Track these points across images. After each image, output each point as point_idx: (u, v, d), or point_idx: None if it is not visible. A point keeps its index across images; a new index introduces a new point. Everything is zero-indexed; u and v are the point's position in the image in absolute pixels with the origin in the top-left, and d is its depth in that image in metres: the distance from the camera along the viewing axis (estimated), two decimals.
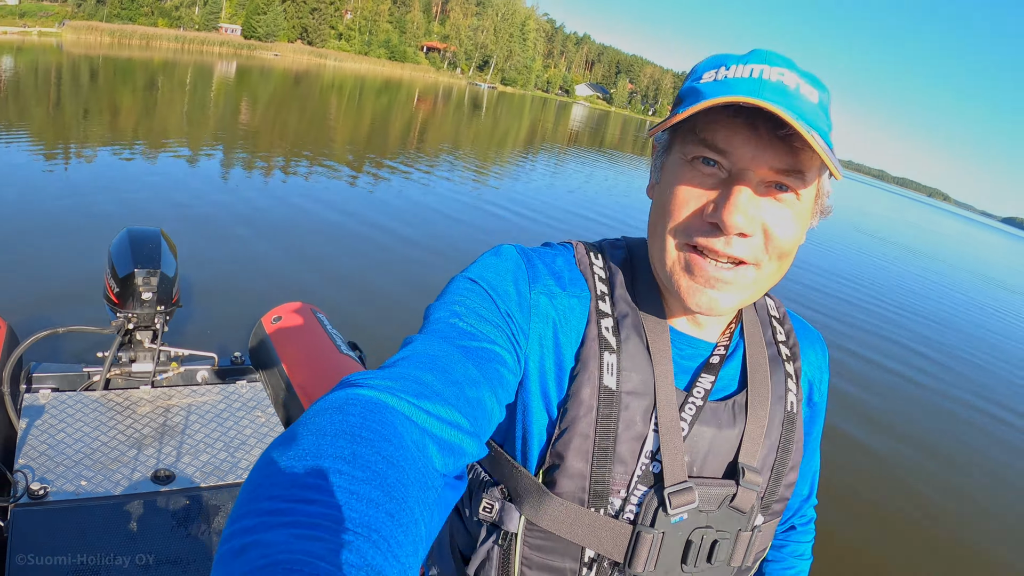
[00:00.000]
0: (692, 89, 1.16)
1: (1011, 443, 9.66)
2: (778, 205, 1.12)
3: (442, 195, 16.40)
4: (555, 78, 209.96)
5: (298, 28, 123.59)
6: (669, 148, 1.21)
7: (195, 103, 28.10)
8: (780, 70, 1.11)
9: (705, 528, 1.22)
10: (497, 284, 1.18)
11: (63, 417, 3.72)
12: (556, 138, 48.70)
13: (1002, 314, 21.20)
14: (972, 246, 48.32)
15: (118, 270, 4.27)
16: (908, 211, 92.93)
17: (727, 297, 1.15)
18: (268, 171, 15.61)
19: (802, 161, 1.09)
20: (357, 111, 38.73)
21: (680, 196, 1.14)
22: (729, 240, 1.10)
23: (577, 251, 1.32)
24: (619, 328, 1.21)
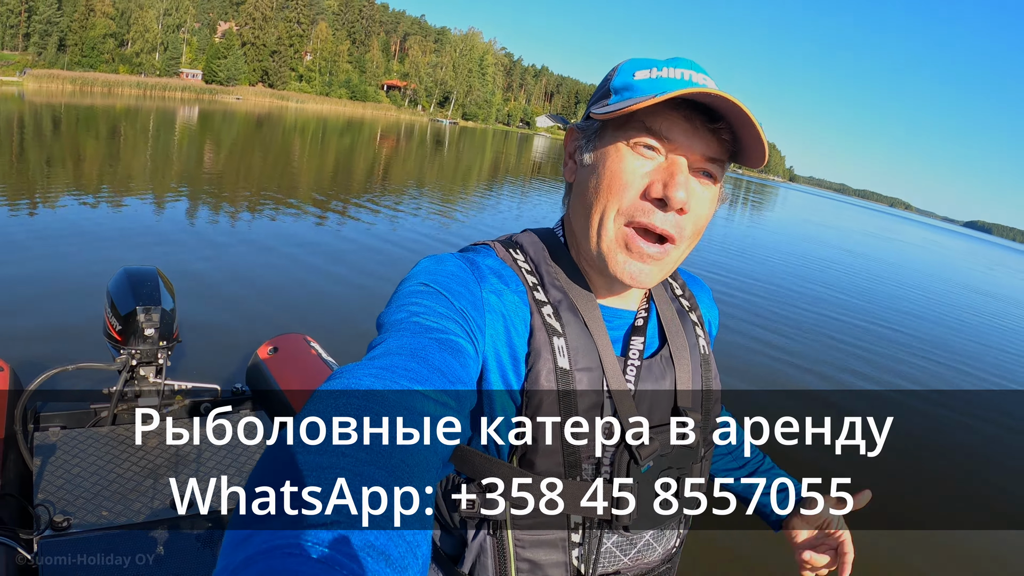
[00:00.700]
0: (628, 84, 1.28)
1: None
2: (702, 188, 1.26)
3: (412, 230, 16.58)
4: (516, 111, 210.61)
5: (259, 71, 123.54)
6: (599, 135, 1.32)
7: (159, 149, 28.11)
8: (703, 76, 1.27)
9: (668, 468, 1.35)
10: (449, 285, 1.23)
11: (76, 453, 3.79)
12: (520, 170, 48.94)
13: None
14: (912, 249, 49.38)
15: (119, 308, 4.36)
16: (869, 221, 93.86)
17: (655, 271, 1.28)
18: (239, 213, 15.71)
19: (724, 151, 1.26)
20: (321, 152, 38.80)
21: (624, 177, 1.25)
22: (667, 216, 1.23)
23: (497, 251, 1.42)
24: (558, 313, 1.31)
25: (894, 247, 51.18)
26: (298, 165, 29.13)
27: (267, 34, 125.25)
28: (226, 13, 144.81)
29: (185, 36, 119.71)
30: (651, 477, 1.32)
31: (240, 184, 20.50)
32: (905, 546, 6.51)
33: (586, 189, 1.32)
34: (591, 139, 1.34)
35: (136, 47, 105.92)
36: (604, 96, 1.34)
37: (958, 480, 8.48)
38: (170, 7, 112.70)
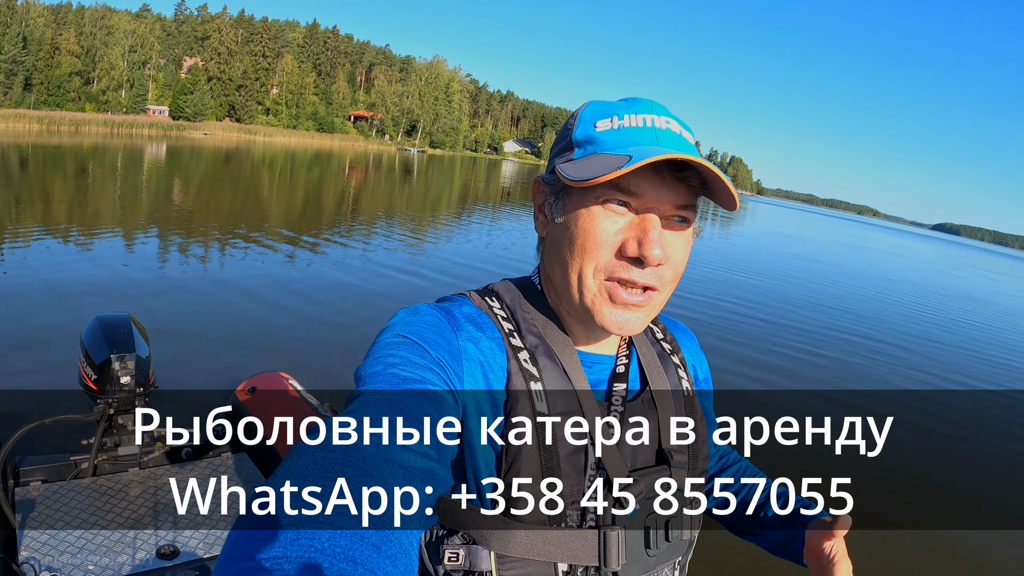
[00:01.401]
0: (591, 137, 1.29)
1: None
2: (676, 235, 1.27)
3: (384, 263, 16.57)
4: (483, 137, 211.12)
5: (225, 106, 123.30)
6: (568, 190, 1.32)
7: (128, 188, 27.96)
8: (666, 119, 1.27)
9: (654, 511, 1.33)
10: (425, 335, 1.24)
11: (58, 507, 3.78)
12: (489, 196, 48.94)
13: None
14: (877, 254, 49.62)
15: (93, 357, 4.33)
16: (838, 230, 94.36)
17: (642, 317, 1.28)
18: (209, 252, 15.65)
19: (694, 196, 1.26)
20: (290, 186, 38.67)
21: (598, 236, 1.25)
22: (645, 271, 1.23)
23: (473, 299, 1.42)
24: (535, 358, 1.31)
25: (861, 255, 51.46)
26: (267, 200, 29.04)
27: (233, 68, 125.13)
28: (191, 48, 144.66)
29: (151, 72, 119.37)
30: (638, 521, 1.31)
31: (210, 222, 20.42)
32: (905, 545, 6.60)
33: (560, 247, 1.33)
34: (559, 196, 1.34)
35: (102, 85, 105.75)
36: (567, 148, 1.34)
37: (958, 480, 8.60)
38: (135, 44, 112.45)
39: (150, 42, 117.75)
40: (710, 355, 1.79)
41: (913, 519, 7.24)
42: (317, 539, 0.68)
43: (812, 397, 11.11)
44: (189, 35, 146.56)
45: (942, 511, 7.59)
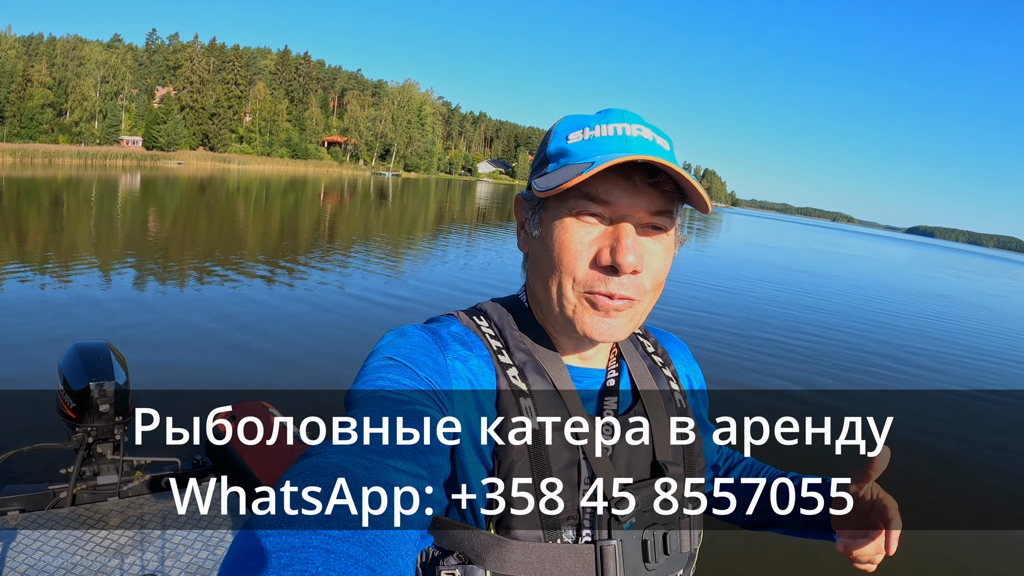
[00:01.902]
0: (563, 150, 1.30)
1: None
2: (654, 242, 1.27)
3: (362, 288, 16.59)
4: (457, 159, 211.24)
5: (199, 135, 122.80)
6: (544, 204, 1.33)
7: (103, 219, 27.91)
8: (638, 126, 1.27)
9: (652, 525, 1.31)
10: (413, 356, 1.23)
11: (37, 536, 3.73)
12: (465, 218, 48.93)
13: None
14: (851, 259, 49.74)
15: (72, 385, 4.29)
16: (813, 237, 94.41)
17: (624, 323, 1.27)
18: (186, 280, 15.63)
19: (670, 202, 1.26)
20: (266, 213, 38.58)
21: (573, 248, 1.25)
22: (622, 281, 1.23)
23: (460, 319, 1.42)
24: (524, 375, 1.30)
25: (835, 260, 51.64)
26: (243, 228, 28.97)
27: (205, 97, 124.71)
28: (163, 78, 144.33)
29: (123, 103, 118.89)
30: (635, 535, 1.29)
31: (187, 251, 20.40)
32: (906, 545, 6.61)
33: (539, 261, 1.34)
34: (536, 211, 1.36)
35: (75, 116, 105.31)
36: (543, 164, 1.36)
37: (959, 480, 8.70)
38: (107, 74, 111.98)
39: (122, 72, 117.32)
40: (706, 364, 1.81)
41: (914, 519, 7.22)
42: (312, 565, 0.68)
43: (811, 397, 11.30)
44: (161, 64, 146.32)
45: (942, 511, 7.67)
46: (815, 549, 6.37)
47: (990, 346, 19.47)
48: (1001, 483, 8.86)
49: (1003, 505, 8.16)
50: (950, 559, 6.69)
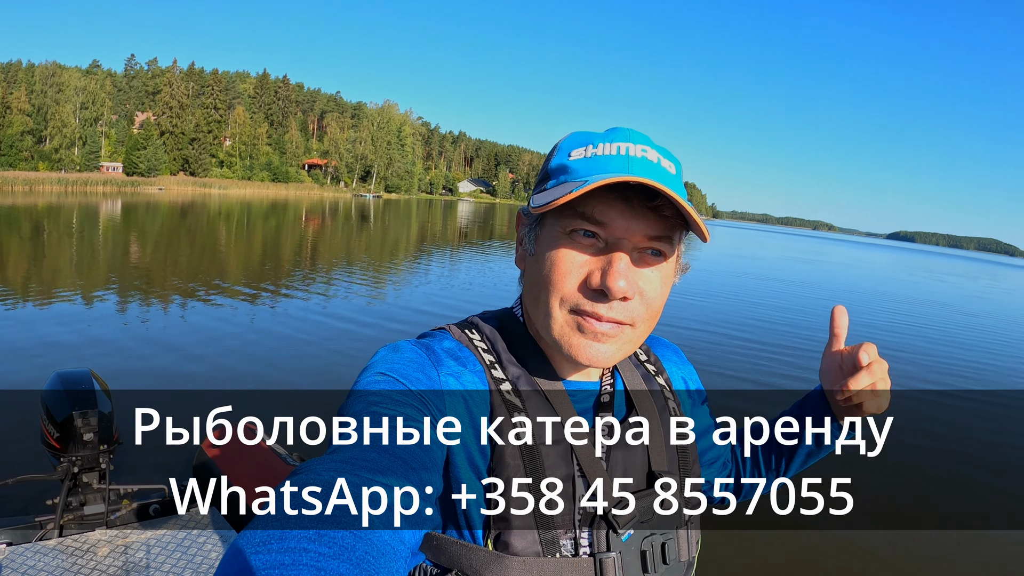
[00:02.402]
0: (563, 166, 1.28)
1: None
2: (651, 269, 1.24)
3: (346, 309, 16.60)
4: (437, 179, 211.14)
5: (179, 160, 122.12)
6: (541, 221, 1.31)
7: (84, 245, 27.87)
8: (643, 147, 1.24)
9: (650, 535, 1.30)
10: (406, 372, 1.22)
11: (24, 570, 3.66)
12: (447, 238, 48.72)
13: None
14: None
15: (55, 415, 4.24)
16: (794, 246, 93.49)
17: (612, 350, 1.25)
18: (169, 306, 15.57)
19: (669, 227, 1.23)
20: (248, 237, 38.36)
21: (563, 267, 1.23)
22: (612, 305, 1.20)
23: (453, 333, 1.41)
24: (518, 389, 1.29)
25: (815, 269, 51.53)
26: (226, 252, 28.85)
27: (185, 122, 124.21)
28: (143, 103, 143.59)
29: (103, 129, 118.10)
30: (633, 545, 1.28)
31: (169, 276, 20.32)
32: (905, 545, 6.77)
33: (532, 278, 1.32)
34: (534, 227, 1.34)
35: (55, 143, 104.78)
36: (544, 179, 1.34)
37: (957, 479, 8.85)
38: (86, 100, 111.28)
39: (101, 98, 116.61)
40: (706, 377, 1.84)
41: (914, 519, 7.42)
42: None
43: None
44: (140, 90, 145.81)
45: (943, 511, 7.78)
46: (814, 555, 6.49)
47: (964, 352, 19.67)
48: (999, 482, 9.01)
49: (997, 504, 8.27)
50: (944, 558, 6.76)
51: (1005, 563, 6.81)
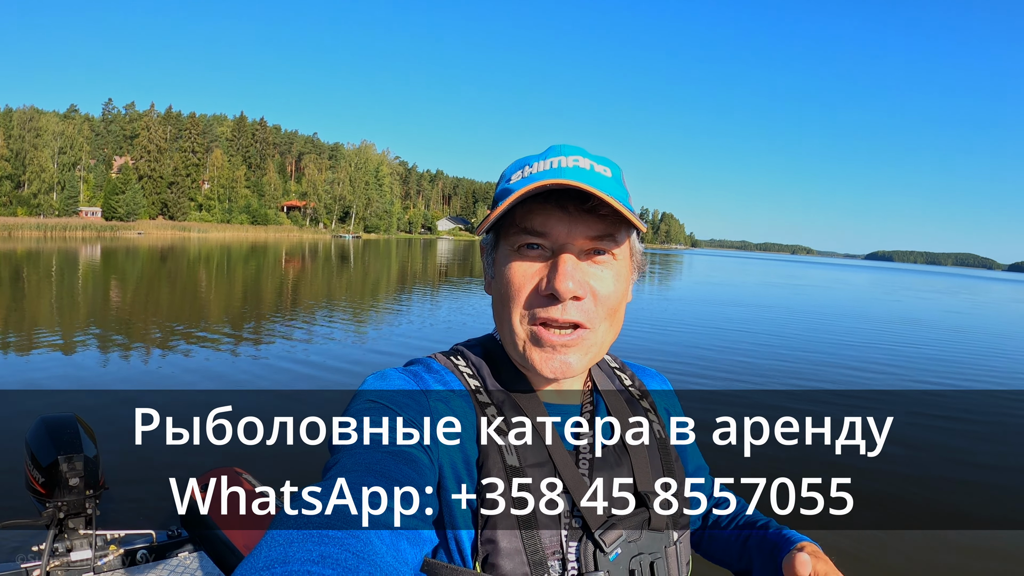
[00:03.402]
0: (505, 190, 1.34)
1: None
2: (599, 267, 1.29)
3: (328, 351, 16.54)
4: (416, 217, 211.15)
5: (158, 204, 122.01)
6: (496, 245, 1.39)
7: (64, 291, 27.79)
8: (574, 157, 1.31)
9: (639, 555, 1.30)
10: (395, 398, 1.25)
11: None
12: (427, 276, 48.54)
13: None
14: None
15: (40, 460, 4.20)
16: (773, 271, 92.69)
17: (574, 359, 1.29)
18: (152, 350, 15.53)
19: (610, 226, 1.28)
20: (228, 281, 38.17)
21: (516, 281, 1.29)
22: (565, 306, 1.25)
23: (439, 360, 1.45)
24: (502, 412, 1.32)
25: (795, 293, 51.37)
26: (206, 296, 28.75)
27: (163, 166, 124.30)
28: (120, 147, 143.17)
29: (81, 174, 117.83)
30: (622, 565, 1.29)
31: (150, 321, 20.26)
32: (905, 545, 6.81)
33: (495, 299, 1.38)
34: (490, 252, 1.41)
35: (33, 188, 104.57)
36: (492, 205, 1.38)
37: (957, 479, 8.87)
38: (64, 145, 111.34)
39: (79, 143, 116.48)
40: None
41: (915, 519, 7.41)
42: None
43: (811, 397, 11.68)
44: (118, 134, 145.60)
45: (943, 511, 7.79)
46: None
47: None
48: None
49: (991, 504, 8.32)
50: (943, 558, 6.81)
51: (1006, 563, 6.85)
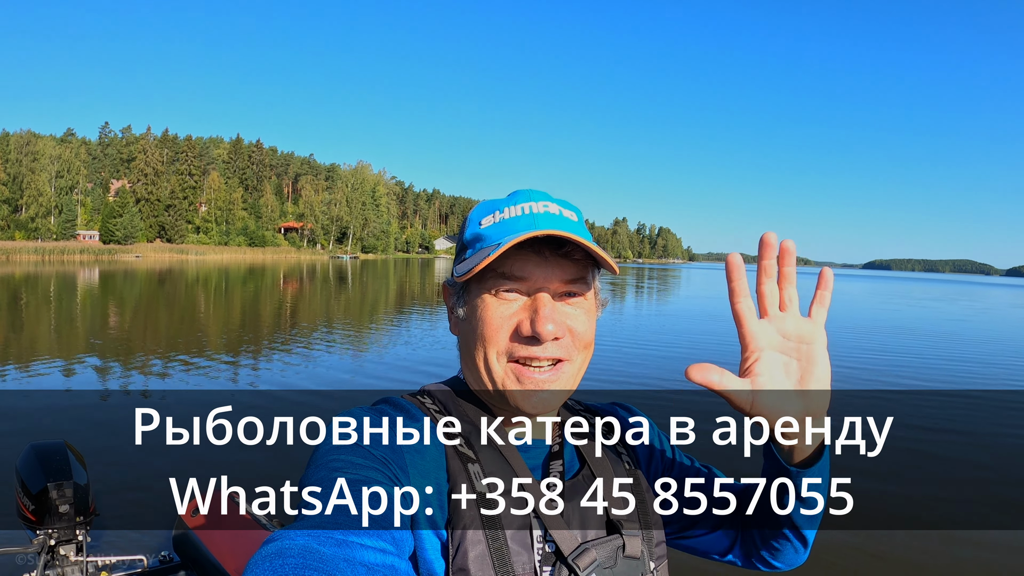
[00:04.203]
0: (477, 235, 1.39)
1: None
2: (572, 308, 1.35)
3: (327, 373, 16.50)
4: (413, 237, 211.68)
5: (155, 227, 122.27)
6: (467, 288, 1.41)
7: (62, 315, 27.97)
8: (544, 203, 1.36)
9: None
10: (364, 436, 1.25)
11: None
12: (426, 296, 48.52)
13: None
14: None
15: (30, 487, 4.19)
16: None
17: (554, 395, 1.34)
18: (147, 373, 15.53)
19: (582, 269, 1.35)
20: (227, 303, 38.24)
21: (495, 322, 1.32)
22: (546, 346, 1.30)
23: (403, 397, 1.47)
24: (470, 443, 1.34)
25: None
26: (205, 319, 28.76)
27: (160, 189, 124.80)
28: (118, 171, 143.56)
29: (79, 197, 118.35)
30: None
31: (148, 344, 20.27)
32: (906, 545, 6.89)
33: (468, 341, 1.40)
34: (460, 295, 1.43)
35: (31, 212, 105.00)
36: (462, 250, 1.45)
37: (958, 480, 8.99)
38: (62, 169, 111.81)
39: (76, 167, 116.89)
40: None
41: (914, 519, 7.52)
42: None
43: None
44: (115, 157, 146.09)
45: (942, 511, 7.89)
46: (814, 553, 6.65)
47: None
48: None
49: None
50: (943, 557, 6.83)
51: (1005, 563, 6.85)
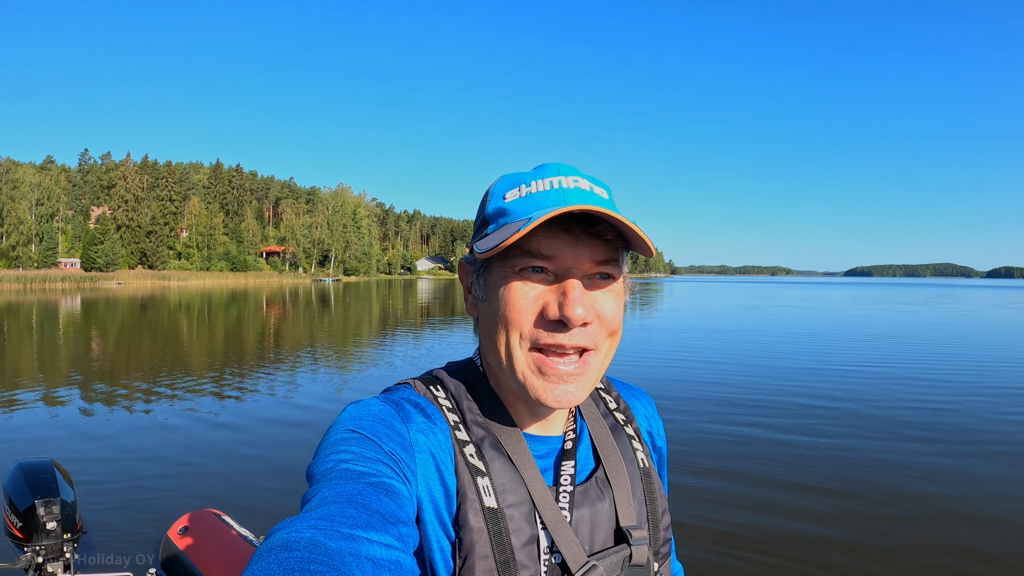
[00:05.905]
0: (501, 209, 1.30)
1: None
2: (604, 292, 1.28)
3: (311, 393, 16.53)
4: (395, 258, 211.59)
5: (137, 253, 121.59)
6: (488, 266, 1.34)
7: (45, 342, 27.92)
8: (574, 178, 1.28)
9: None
10: (375, 429, 1.21)
11: None
12: (409, 316, 48.53)
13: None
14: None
15: (17, 504, 4.26)
16: (751, 293, 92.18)
17: (579, 388, 1.26)
18: (134, 395, 15.51)
19: (614, 250, 1.27)
20: (210, 328, 38.09)
21: (519, 304, 1.24)
22: (573, 332, 1.23)
23: (417, 388, 1.41)
24: (481, 451, 1.28)
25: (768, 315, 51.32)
26: (188, 344, 28.68)
27: (141, 215, 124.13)
28: (98, 198, 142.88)
29: (59, 225, 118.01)
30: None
31: (132, 369, 20.26)
32: (904, 544, 6.89)
33: (488, 323, 1.34)
34: (480, 273, 1.36)
35: (11, 240, 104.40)
36: (483, 225, 1.36)
37: (957, 479, 9.05)
38: (42, 196, 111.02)
39: (56, 194, 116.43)
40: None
41: (915, 518, 7.57)
42: None
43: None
44: (95, 184, 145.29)
45: (942, 510, 7.94)
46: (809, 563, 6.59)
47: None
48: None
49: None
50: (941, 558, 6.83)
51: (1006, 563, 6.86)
